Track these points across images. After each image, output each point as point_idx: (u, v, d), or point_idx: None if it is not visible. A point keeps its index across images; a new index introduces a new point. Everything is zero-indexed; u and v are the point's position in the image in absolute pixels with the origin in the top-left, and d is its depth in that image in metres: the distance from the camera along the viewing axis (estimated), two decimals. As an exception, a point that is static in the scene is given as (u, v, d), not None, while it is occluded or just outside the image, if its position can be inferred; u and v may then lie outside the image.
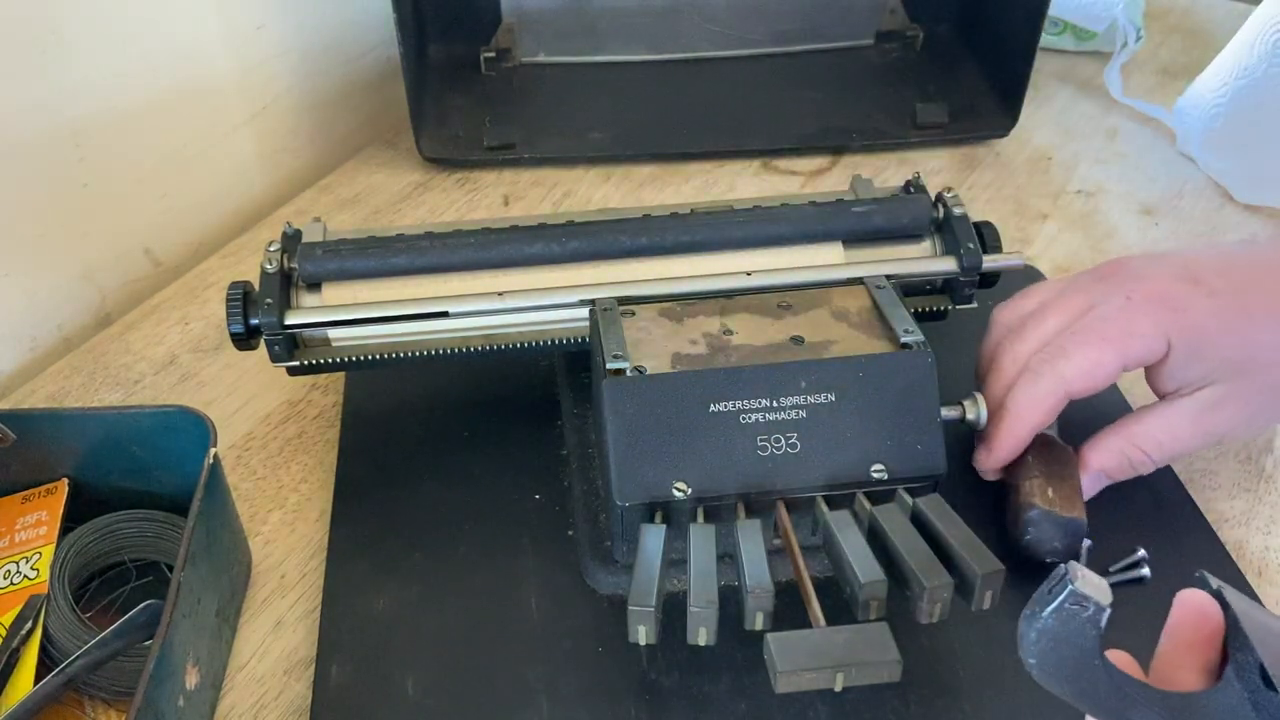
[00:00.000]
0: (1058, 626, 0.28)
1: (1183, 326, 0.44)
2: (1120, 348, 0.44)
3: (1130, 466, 0.47)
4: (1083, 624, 0.28)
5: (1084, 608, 0.27)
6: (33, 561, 0.45)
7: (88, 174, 0.63)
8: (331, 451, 0.54)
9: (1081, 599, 0.27)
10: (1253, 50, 0.68)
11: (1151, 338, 0.44)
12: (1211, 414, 0.45)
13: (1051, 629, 0.28)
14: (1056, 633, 0.28)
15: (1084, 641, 0.28)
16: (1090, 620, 0.27)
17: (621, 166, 0.77)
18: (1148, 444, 0.46)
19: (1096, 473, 0.47)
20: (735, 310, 0.47)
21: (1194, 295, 0.44)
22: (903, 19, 0.85)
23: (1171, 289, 0.45)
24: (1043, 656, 0.28)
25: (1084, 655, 0.28)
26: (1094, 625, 0.27)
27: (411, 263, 0.49)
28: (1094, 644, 0.28)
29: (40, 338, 0.63)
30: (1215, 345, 0.44)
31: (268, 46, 0.73)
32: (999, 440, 0.46)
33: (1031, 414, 0.46)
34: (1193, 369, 0.45)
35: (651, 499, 0.42)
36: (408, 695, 0.43)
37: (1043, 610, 0.28)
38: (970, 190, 0.74)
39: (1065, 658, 0.28)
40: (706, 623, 0.39)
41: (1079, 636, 0.28)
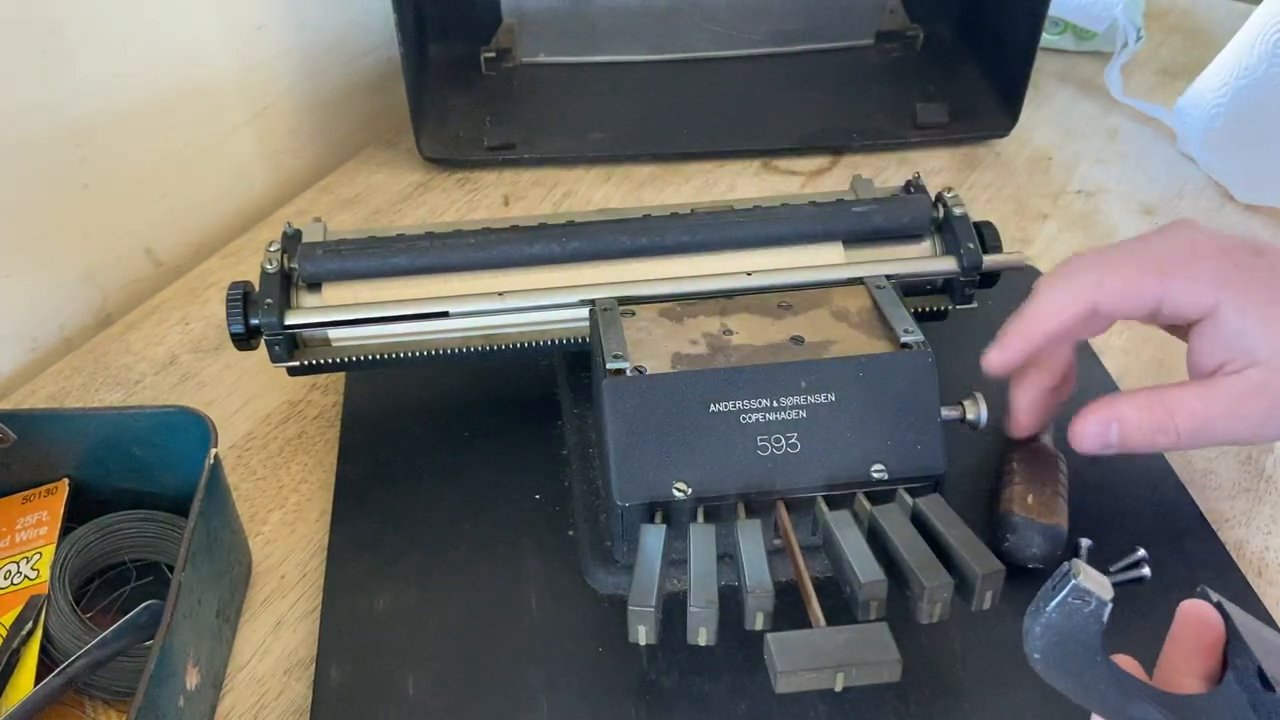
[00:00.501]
0: (1061, 621, 0.28)
1: (1239, 285, 0.41)
2: (1167, 278, 0.41)
3: (1151, 431, 0.43)
4: (1085, 619, 0.28)
5: (1086, 602, 0.28)
6: (33, 562, 0.45)
7: (88, 174, 0.63)
8: (331, 451, 0.55)
9: (1084, 594, 0.28)
10: (1253, 50, 0.68)
11: (1204, 284, 0.41)
12: (1252, 399, 0.42)
13: (1055, 623, 0.28)
14: (1060, 627, 0.28)
15: (1086, 636, 0.28)
16: (1092, 615, 0.28)
17: (621, 166, 0.77)
18: (1180, 411, 0.42)
19: (1110, 420, 0.43)
20: (735, 310, 0.47)
21: (1258, 262, 0.42)
22: (903, 19, 0.85)
23: (1237, 249, 0.42)
24: (1047, 651, 0.29)
25: (1086, 650, 0.28)
26: (1096, 620, 0.28)
27: (412, 263, 0.49)
28: (1096, 639, 0.28)
29: (42, 338, 0.63)
30: (1265, 315, 0.41)
31: (268, 47, 0.73)
32: (1011, 337, 0.44)
33: (1053, 313, 0.43)
34: (1236, 341, 0.41)
35: (651, 499, 0.42)
36: (408, 695, 0.43)
37: (1046, 605, 0.28)
38: (970, 190, 0.74)
39: (1068, 653, 0.28)
40: (706, 623, 0.39)
41: (1082, 631, 0.28)
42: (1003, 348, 0.44)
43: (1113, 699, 0.29)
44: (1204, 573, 0.47)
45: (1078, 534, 0.48)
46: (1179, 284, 0.42)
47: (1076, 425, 0.44)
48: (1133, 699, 0.29)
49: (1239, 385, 0.42)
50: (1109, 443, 0.43)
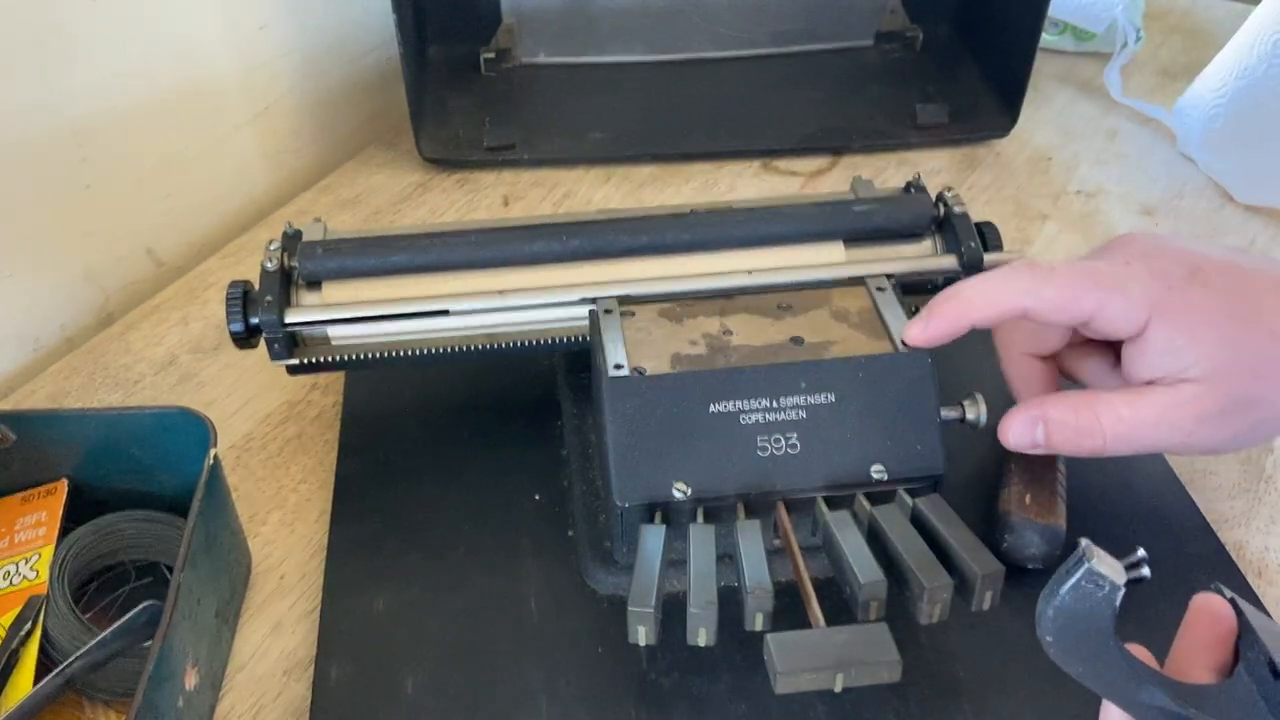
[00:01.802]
0: (1074, 604, 0.28)
1: (1167, 305, 0.43)
2: (1102, 295, 0.42)
3: (1076, 434, 0.43)
4: (1098, 602, 0.28)
5: (1099, 586, 0.28)
6: (32, 562, 0.45)
7: (90, 175, 0.63)
8: (331, 452, 0.55)
9: (1097, 577, 0.28)
10: (1253, 50, 0.68)
11: (1136, 304, 0.42)
12: (1180, 410, 0.43)
13: (1068, 607, 0.28)
14: (1073, 610, 0.28)
15: (1099, 621, 0.28)
16: (1105, 599, 0.28)
17: (621, 167, 0.77)
18: (1105, 413, 0.43)
19: (1037, 420, 0.44)
20: (735, 310, 0.47)
21: (1189, 282, 0.43)
22: (903, 19, 0.85)
23: (1169, 269, 0.44)
24: (1059, 634, 0.29)
25: (1099, 635, 0.28)
26: (1109, 604, 0.28)
27: (412, 261, 0.49)
28: (1109, 623, 0.28)
29: (43, 338, 0.63)
30: (1195, 337, 0.42)
31: (269, 47, 0.73)
32: (935, 316, 0.44)
33: (982, 306, 0.43)
34: (1168, 358, 0.43)
35: (651, 499, 0.42)
36: (408, 695, 0.43)
37: (1060, 588, 0.29)
38: (970, 191, 0.74)
39: (1081, 637, 0.29)
40: (706, 623, 0.39)
41: (1094, 615, 0.28)
42: (926, 324, 0.44)
43: (1123, 684, 0.29)
44: (1204, 573, 0.46)
45: (1077, 534, 0.48)
46: (1112, 301, 0.42)
47: (1005, 421, 0.45)
48: (1144, 685, 0.29)
49: (1168, 396, 0.43)
50: (1035, 442, 0.44)
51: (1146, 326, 0.43)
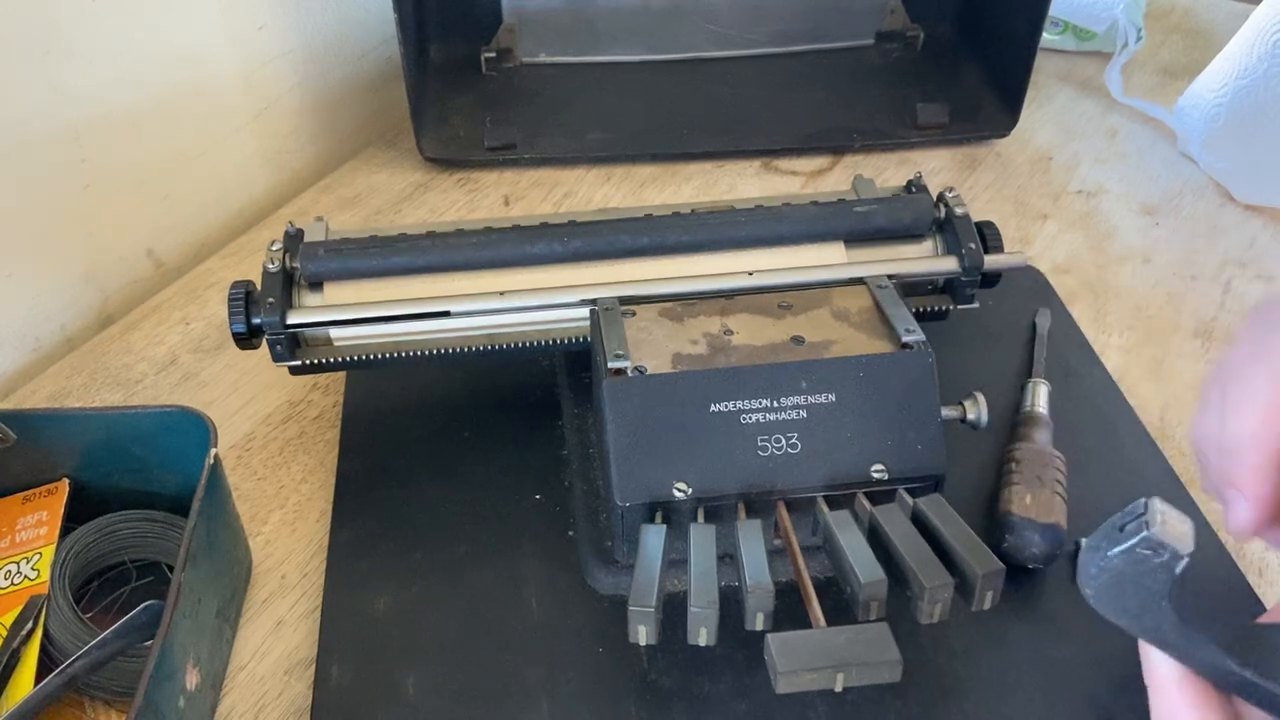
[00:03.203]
0: (1124, 568, 0.25)
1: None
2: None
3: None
4: (1154, 569, 0.25)
5: (1159, 554, 0.25)
6: (33, 562, 0.45)
7: (90, 175, 0.63)
8: (332, 451, 0.55)
9: (1157, 545, 0.25)
10: (1253, 50, 0.68)
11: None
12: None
13: (1116, 568, 0.25)
14: (1121, 573, 0.25)
15: (1153, 585, 0.25)
16: (1164, 566, 0.25)
17: (622, 166, 0.77)
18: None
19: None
20: (736, 310, 0.47)
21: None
22: (903, 19, 0.85)
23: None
24: (1102, 591, 0.26)
25: (1150, 597, 0.25)
26: (1167, 571, 0.25)
27: (413, 262, 0.49)
28: (1163, 588, 0.25)
29: (43, 338, 0.63)
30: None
31: (269, 47, 0.73)
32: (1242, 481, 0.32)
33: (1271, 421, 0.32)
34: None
35: (652, 499, 0.42)
36: (408, 695, 0.43)
37: (1110, 549, 0.25)
38: (971, 190, 0.74)
39: (1128, 596, 0.25)
40: (706, 623, 0.39)
41: (1148, 580, 0.25)
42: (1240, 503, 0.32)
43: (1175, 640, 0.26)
44: (1204, 572, 0.47)
45: (1077, 534, 0.48)
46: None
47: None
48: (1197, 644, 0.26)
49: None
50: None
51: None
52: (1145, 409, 0.56)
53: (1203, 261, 0.68)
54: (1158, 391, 0.58)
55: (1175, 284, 0.66)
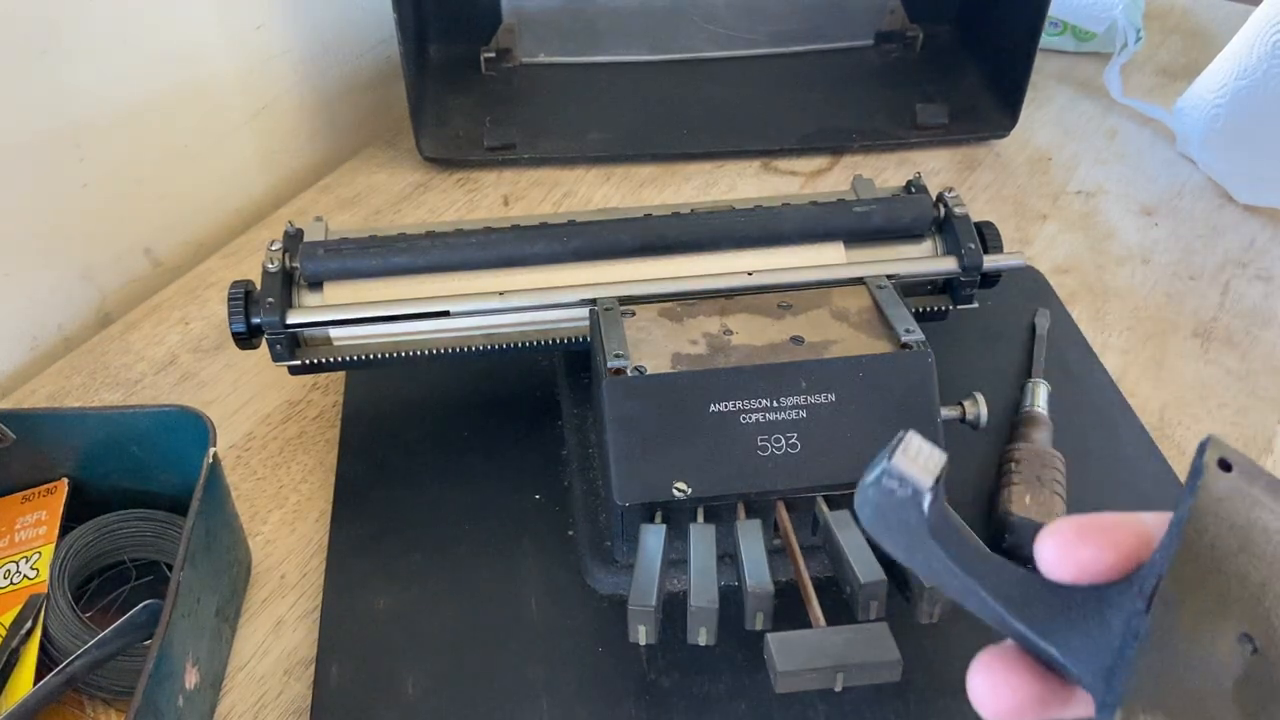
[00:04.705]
0: (878, 499, 0.24)
1: None
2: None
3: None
4: (903, 503, 0.24)
5: (902, 487, 0.24)
6: (33, 561, 0.45)
7: (88, 174, 0.63)
8: (331, 451, 0.54)
9: (899, 478, 0.24)
10: (1253, 51, 0.68)
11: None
12: None
13: (872, 500, 0.24)
14: (878, 505, 0.24)
15: (910, 520, 0.24)
16: (910, 501, 0.24)
17: (621, 166, 0.77)
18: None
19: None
20: (735, 310, 0.47)
21: None
22: (903, 19, 0.85)
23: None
24: (870, 524, 0.25)
25: (912, 533, 0.24)
26: (914, 507, 0.24)
27: (413, 262, 0.49)
28: (920, 524, 0.24)
29: (41, 337, 0.63)
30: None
31: (268, 46, 0.73)
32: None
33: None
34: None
35: (651, 499, 0.42)
36: (408, 695, 0.43)
37: (866, 477, 0.24)
38: (970, 190, 0.74)
39: (894, 530, 0.24)
40: (706, 623, 0.39)
41: (904, 514, 0.24)
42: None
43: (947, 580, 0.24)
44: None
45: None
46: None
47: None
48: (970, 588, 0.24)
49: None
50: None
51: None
52: (1145, 409, 0.56)
53: (1202, 262, 0.68)
54: (1157, 391, 0.58)
55: (1174, 284, 0.66)
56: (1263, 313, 0.64)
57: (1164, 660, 0.21)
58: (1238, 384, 0.59)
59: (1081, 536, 0.24)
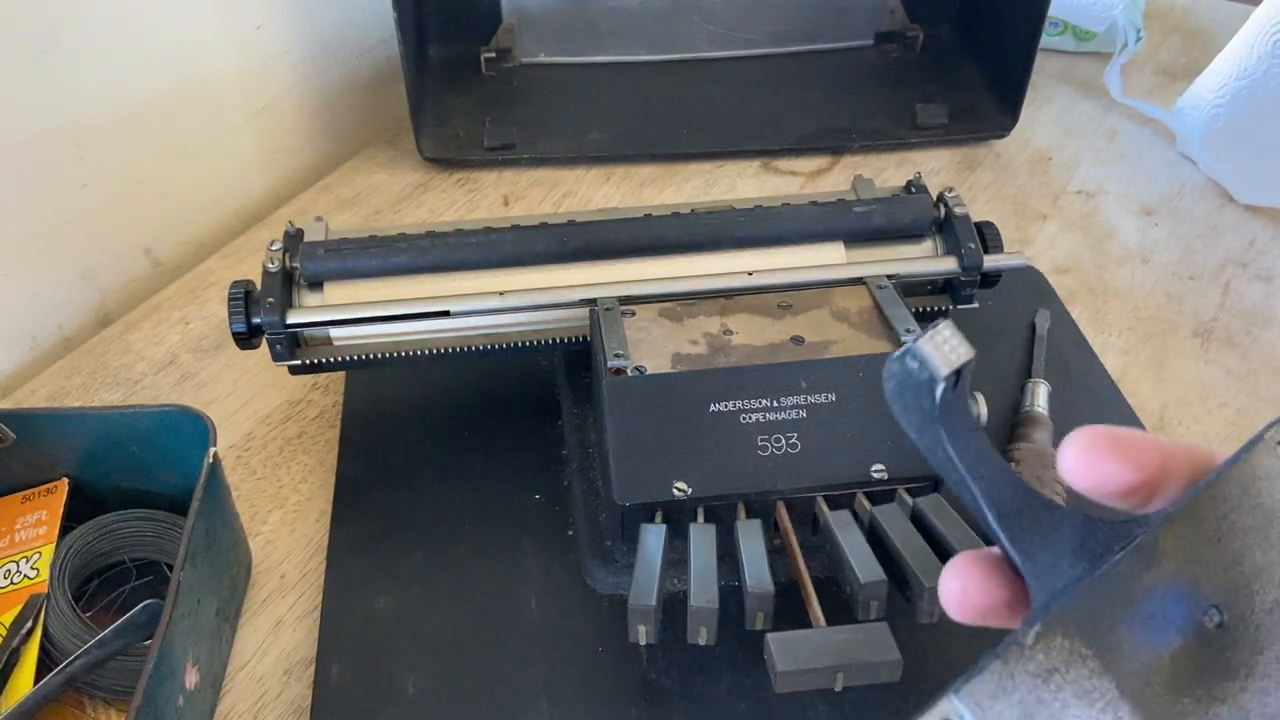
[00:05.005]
0: (900, 375, 0.25)
1: None
2: None
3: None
4: (919, 385, 0.25)
5: (921, 370, 0.24)
6: (33, 561, 0.45)
7: (88, 174, 0.63)
8: (331, 451, 0.54)
9: (921, 359, 0.24)
10: (1253, 51, 0.68)
11: None
12: None
13: (895, 374, 0.25)
14: (901, 381, 0.25)
15: (923, 402, 0.25)
16: (926, 385, 0.24)
17: (621, 167, 0.77)
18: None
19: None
20: (735, 310, 0.47)
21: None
22: (903, 20, 0.85)
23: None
24: (892, 396, 0.26)
25: (924, 415, 0.25)
26: (929, 390, 0.24)
27: (413, 262, 0.49)
28: (932, 408, 0.25)
29: (41, 337, 0.63)
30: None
31: (267, 46, 0.73)
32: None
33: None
34: None
35: (651, 499, 0.42)
36: (408, 695, 0.43)
37: (895, 352, 0.25)
38: (970, 191, 0.74)
39: (910, 409, 0.25)
40: (706, 623, 0.39)
41: (918, 395, 0.25)
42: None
43: (946, 468, 0.25)
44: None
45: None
46: None
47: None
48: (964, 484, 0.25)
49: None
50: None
51: None
52: (1145, 409, 0.56)
53: (1202, 262, 0.68)
54: (1157, 391, 0.58)
55: (1174, 284, 0.66)
56: (1263, 313, 0.64)
57: (1111, 601, 0.22)
58: (1238, 384, 0.59)
59: (1113, 449, 0.23)
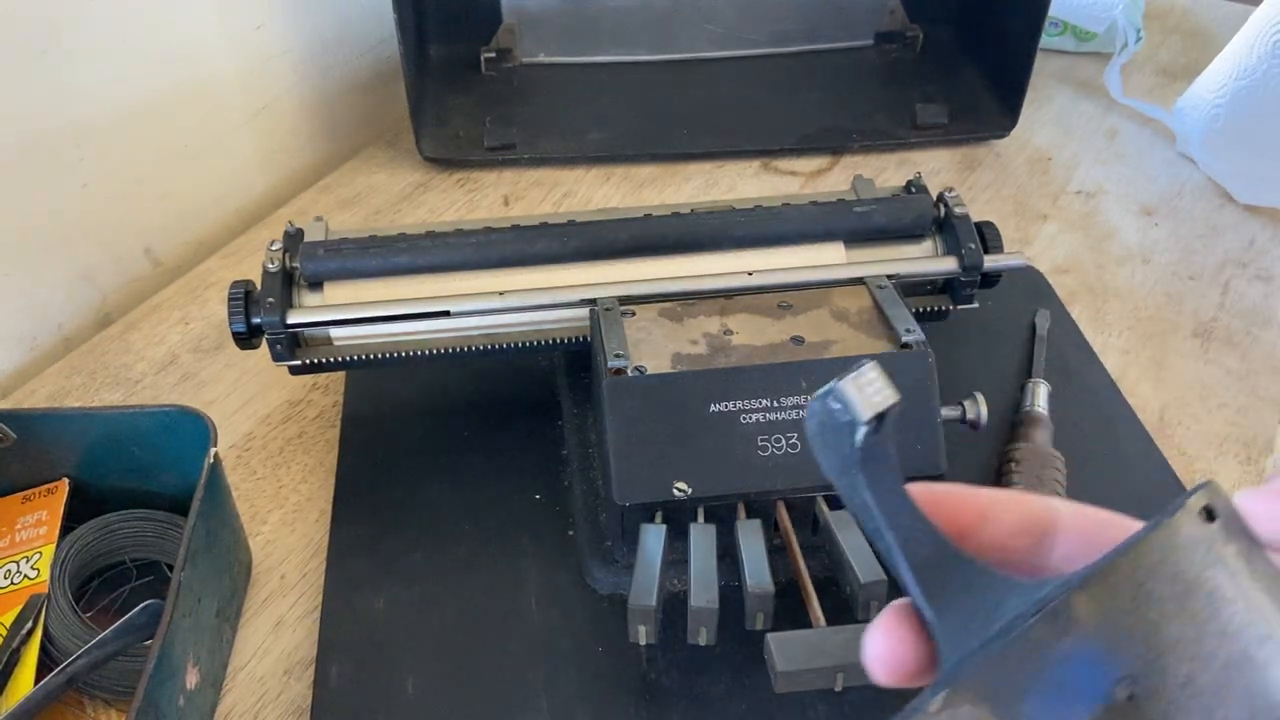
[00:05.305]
0: (822, 415, 0.23)
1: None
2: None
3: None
4: (840, 427, 0.23)
5: (843, 412, 0.22)
6: (33, 561, 0.45)
7: (88, 174, 0.63)
8: (331, 451, 0.55)
9: (842, 400, 0.22)
10: (1253, 51, 0.68)
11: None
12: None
13: (816, 413, 0.23)
14: (822, 421, 0.23)
15: (843, 446, 0.23)
16: (847, 427, 0.23)
17: (621, 166, 0.77)
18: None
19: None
20: (736, 310, 0.47)
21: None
22: (902, 19, 0.85)
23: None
24: (811, 435, 0.24)
25: (844, 459, 0.23)
26: (849, 433, 0.23)
27: (413, 262, 0.49)
28: (853, 454, 0.23)
29: (41, 338, 0.63)
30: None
31: (267, 46, 0.73)
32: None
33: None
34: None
35: (651, 499, 0.42)
36: (408, 695, 0.43)
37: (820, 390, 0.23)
38: (970, 191, 0.74)
39: (830, 450, 0.24)
40: (706, 623, 0.39)
41: (839, 438, 0.23)
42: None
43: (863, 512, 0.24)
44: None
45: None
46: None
47: None
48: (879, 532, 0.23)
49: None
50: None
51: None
52: (1145, 409, 0.56)
53: (1202, 262, 0.68)
54: (1157, 391, 0.58)
55: (1174, 284, 0.66)
56: (1263, 313, 0.64)
57: (1022, 668, 0.21)
58: (1238, 384, 0.59)
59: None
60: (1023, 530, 0.24)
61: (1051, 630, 0.20)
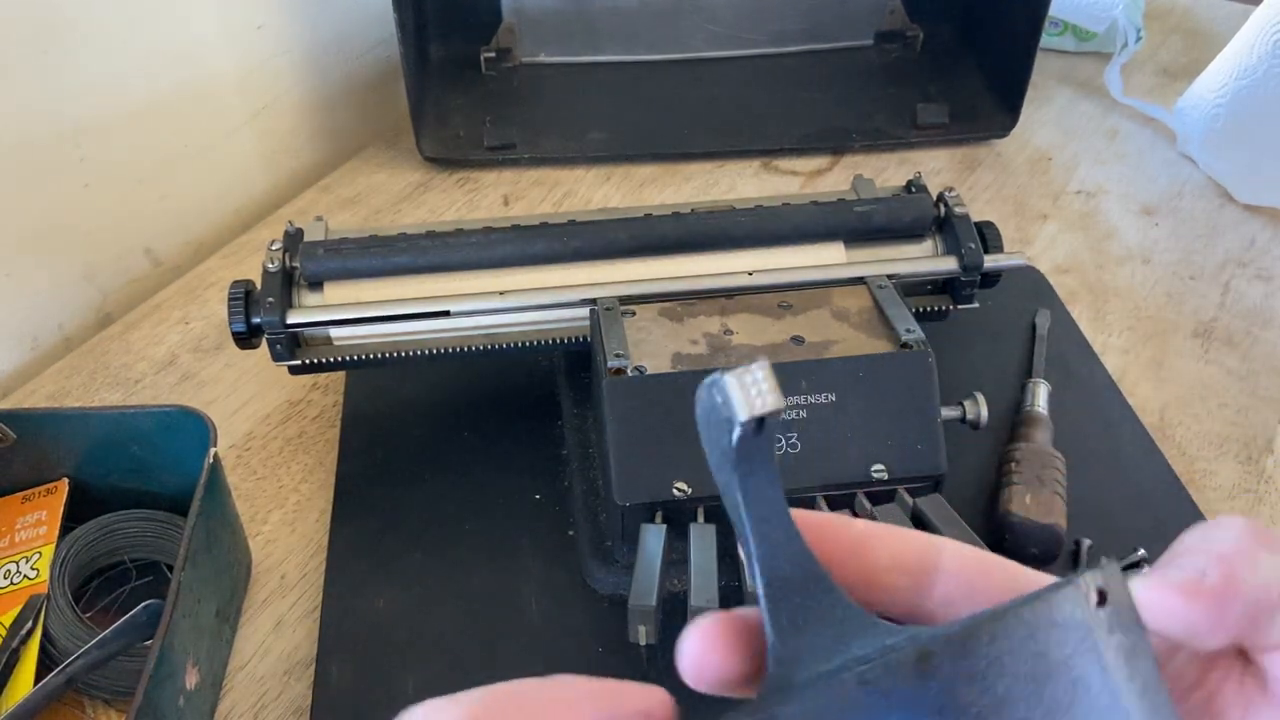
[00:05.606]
0: (706, 404, 0.22)
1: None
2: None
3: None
4: (720, 422, 0.22)
5: (724, 407, 0.21)
6: (33, 561, 0.45)
7: (89, 174, 0.63)
8: (331, 451, 0.54)
9: (722, 394, 0.21)
10: (1253, 51, 0.68)
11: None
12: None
13: (702, 400, 0.22)
14: (707, 409, 0.22)
15: (721, 441, 0.22)
16: (725, 423, 0.21)
17: (621, 166, 0.77)
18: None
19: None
20: (736, 310, 0.47)
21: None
22: (903, 19, 0.85)
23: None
24: (701, 425, 0.23)
25: (722, 451, 0.22)
26: (727, 431, 0.22)
27: (413, 262, 0.49)
28: (729, 449, 0.22)
29: (41, 337, 0.63)
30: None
31: (268, 46, 0.73)
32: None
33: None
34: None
35: (651, 499, 0.42)
36: (408, 695, 0.43)
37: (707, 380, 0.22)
38: (970, 190, 0.74)
39: (712, 441, 0.23)
40: (707, 622, 0.39)
41: (719, 429, 0.22)
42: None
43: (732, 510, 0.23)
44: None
45: (1077, 534, 0.48)
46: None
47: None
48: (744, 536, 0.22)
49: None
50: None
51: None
52: (1145, 409, 0.56)
53: (1202, 261, 0.68)
54: (1157, 391, 0.58)
55: (1175, 284, 0.66)
56: (1263, 313, 0.64)
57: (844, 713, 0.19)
58: (1238, 384, 0.59)
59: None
60: (898, 567, 0.23)
61: (889, 679, 0.19)
